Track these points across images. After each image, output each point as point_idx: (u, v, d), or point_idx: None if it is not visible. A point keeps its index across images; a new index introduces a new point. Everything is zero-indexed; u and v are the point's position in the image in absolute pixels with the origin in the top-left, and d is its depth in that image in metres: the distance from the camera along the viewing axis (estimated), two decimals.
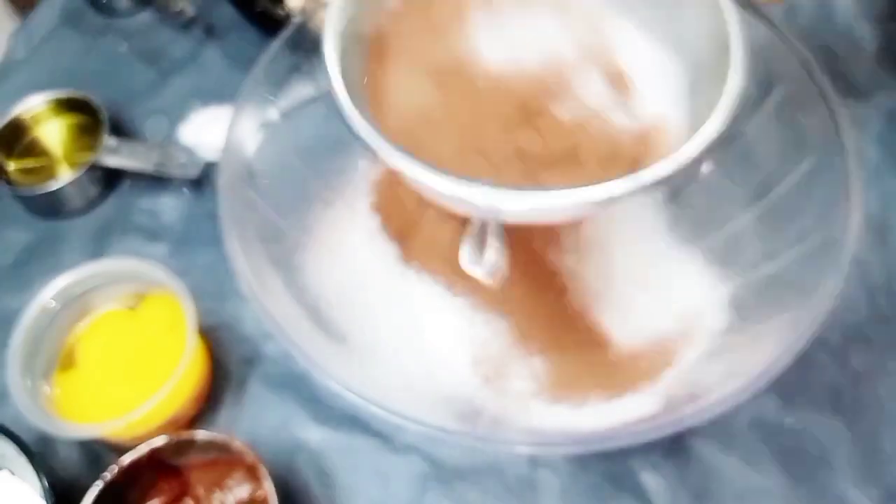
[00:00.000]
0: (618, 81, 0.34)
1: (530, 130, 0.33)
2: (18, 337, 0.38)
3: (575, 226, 0.41)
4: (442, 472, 0.40)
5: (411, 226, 0.41)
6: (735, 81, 0.30)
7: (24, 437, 0.38)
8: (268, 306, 0.33)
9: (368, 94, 0.33)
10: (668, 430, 0.29)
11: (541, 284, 0.40)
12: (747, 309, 0.37)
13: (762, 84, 0.39)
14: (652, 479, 0.39)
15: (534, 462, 0.39)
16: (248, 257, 0.34)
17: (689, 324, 0.39)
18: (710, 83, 0.31)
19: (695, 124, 0.31)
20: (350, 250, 0.41)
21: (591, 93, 0.34)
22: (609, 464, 0.39)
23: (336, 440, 0.41)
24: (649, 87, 0.34)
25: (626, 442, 0.29)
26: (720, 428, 0.39)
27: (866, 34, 0.53)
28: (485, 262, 0.31)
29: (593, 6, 0.35)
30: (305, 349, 0.32)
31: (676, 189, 0.43)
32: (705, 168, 0.35)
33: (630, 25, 0.35)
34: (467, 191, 0.29)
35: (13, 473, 0.36)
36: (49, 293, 0.40)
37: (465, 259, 0.31)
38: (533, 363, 0.39)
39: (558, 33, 0.35)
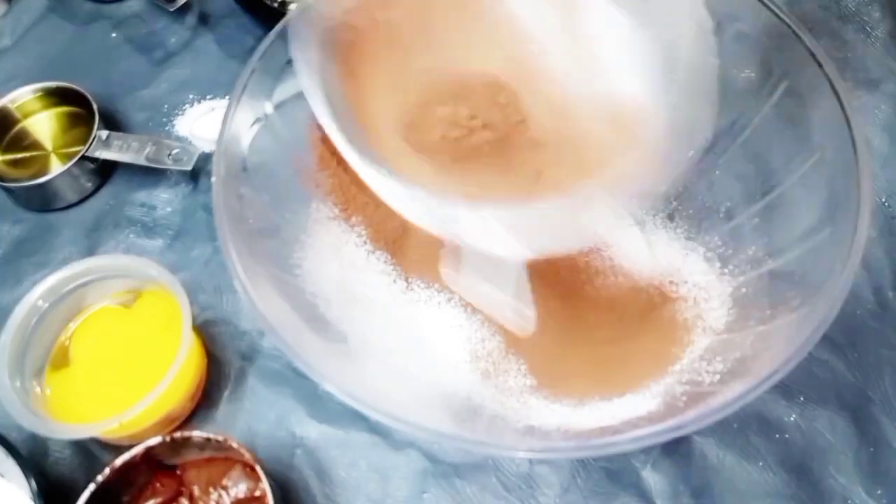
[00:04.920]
0: (591, 58, 0.33)
1: (500, 120, 0.32)
2: (6, 337, 0.38)
3: None
4: (441, 469, 0.39)
5: (399, 235, 0.41)
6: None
7: (15, 437, 0.38)
8: (260, 306, 0.32)
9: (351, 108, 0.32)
10: (674, 434, 0.28)
11: (537, 281, 0.40)
12: (750, 307, 0.37)
13: (768, 74, 0.38)
14: (652, 477, 0.38)
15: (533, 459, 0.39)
16: (241, 256, 0.33)
17: (689, 322, 0.38)
18: (686, 66, 0.30)
19: (670, 113, 0.30)
20: (346, 247, 0.41)
21: (564, 71, 0.33)
22: (609, 461, 0.39)
23: (334, 436, 0.40)
24: (619, 65, 0.32)
25: (627, 448, 0.28)
26: (722, 425, 0.39)
27: (875, 20, 0.52)
28: (518, 314, 0.30)
29: None
30: (299, 350, 0.31)
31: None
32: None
33: None
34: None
35: (2, 476, 0.35)
36: (38, 292, 0.39)
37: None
38: (531, 359, 0.39)
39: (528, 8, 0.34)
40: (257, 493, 0.36)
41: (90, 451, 0.41)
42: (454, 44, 0.34)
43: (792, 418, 0.39)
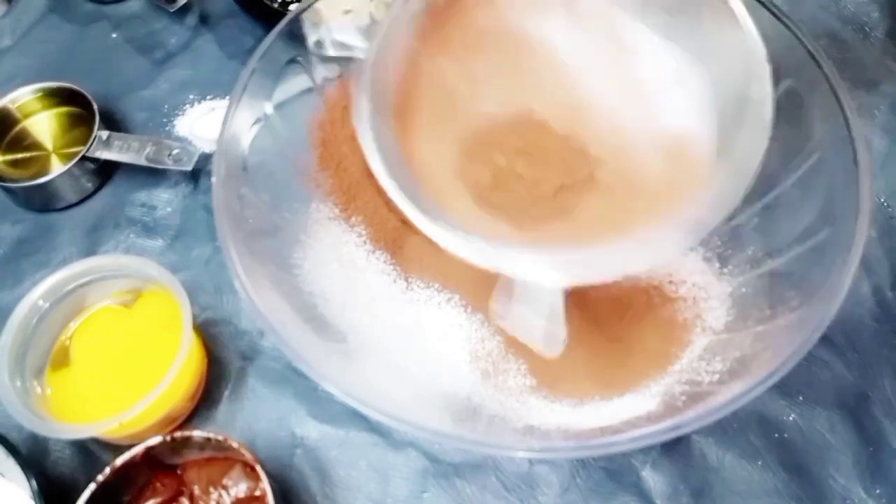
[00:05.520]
0: (643, 96, 0.33)
1: (550, 161, 0.32)
2: (6, 337, 0.38)
3: None
4: (441, 468, 0.39)
5: (399, 235, 0.41)
6: (766, 111, 0.29)
7: (15, 436, 0.38)
8: (261, 306, 0.32)
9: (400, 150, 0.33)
10: (674, 434, 0.28)
11: None
12: (750, 307, 0.37)
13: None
14: (652, 476, 0.38)
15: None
16: (241, 256, 0.33)
17: (688, 322, 0.38)
18: (736, 101, 0.30)
19: (724, 146, 0.30)
20: (346, 247, 0.41)
21: (617, 112, 0.33)
22: (609, 460, 0.39)
23: (334, 436, 0.41)
24: (672, 101, 0.33)
25: (627, 448, 0.29)
26: (721, 425, 0.39)
27: (874, 20, 0.52)
28: (548, 336, 0.31)
29: (612, 13, 0.34)
30: (299, 350, 0.31)
31: None
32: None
33: (650, 32, 0.33)
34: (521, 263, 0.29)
35: (3, 475, 0.35)
36: (39, 292, 0.39)
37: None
38: (531, 359, 0.39)
39: (577, 46, 0.34)
40: (257, 493, 0.36)
41: (90, 451, 0.41)
42: (506, 93, 0.34)
43: (791, 418, 0.39)
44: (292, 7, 0.38)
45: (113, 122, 0.51)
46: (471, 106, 0.34)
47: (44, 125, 0.51)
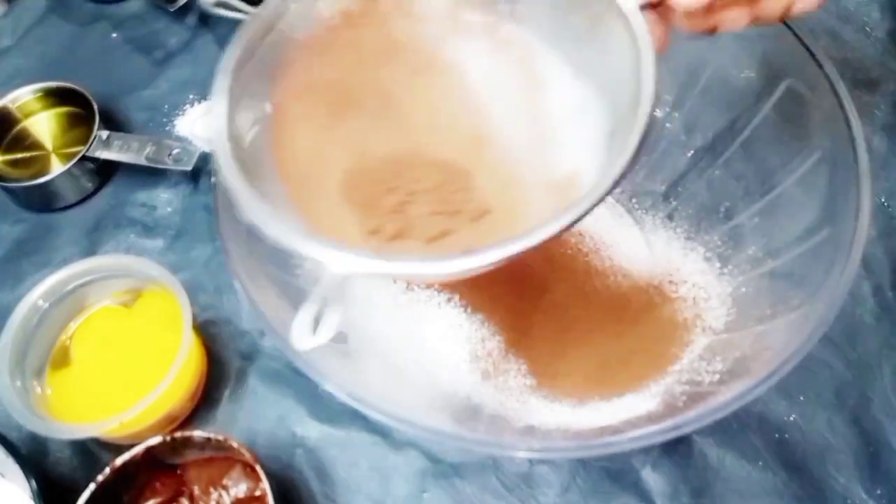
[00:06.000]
0: (542, 130, 0.32)
1: (435, 188, 0.31)
2: (7, 337, 0.38)
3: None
4: (441, 468, 0.39)
5: None
6: (636, 135, 0.27)
7: (15, 436, 0.38)
8: (261, 306, 0.32)
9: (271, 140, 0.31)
10: (674, 434, 0.28)
11: (527, 288, 0.40)
12: (750, 307, 0.37)
13: (767, 75, 0.38)
14: (652, 477, 0.38)
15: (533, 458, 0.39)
16: (241, 256, 0.33)
17: (688, 322, 0.38)
18: (622, 137, 0.27)
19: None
20: None
21: (513, 143, 0.32)
22: (609, 461, 0.39)
23: (335, 436, 0.41)
24: (572, 137, 0.31)
25: (627, 448, 0.29)
26: (721, 425, 0.39)
27: (874, 20, 0.52)
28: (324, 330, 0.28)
29: (528, 42, 0.32)
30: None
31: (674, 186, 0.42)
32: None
33: (561, 62, 0.32)
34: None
35: (2, 476, 0.35)
36: (39, 291, 0.39)
37: (300, 331, 0.27)
38: (531, 359, 0.39)
39: (489, 74, 0.33)
40: (257, 493, 0.36)
41: (90, 451, 0.41)
42: (405, 113, 0.33)
43: (792, 418, 0.39)
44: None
45: (113, 122, 0.51)
46: (364, 118, 0.33)
47: (44, 125, 0.51)
